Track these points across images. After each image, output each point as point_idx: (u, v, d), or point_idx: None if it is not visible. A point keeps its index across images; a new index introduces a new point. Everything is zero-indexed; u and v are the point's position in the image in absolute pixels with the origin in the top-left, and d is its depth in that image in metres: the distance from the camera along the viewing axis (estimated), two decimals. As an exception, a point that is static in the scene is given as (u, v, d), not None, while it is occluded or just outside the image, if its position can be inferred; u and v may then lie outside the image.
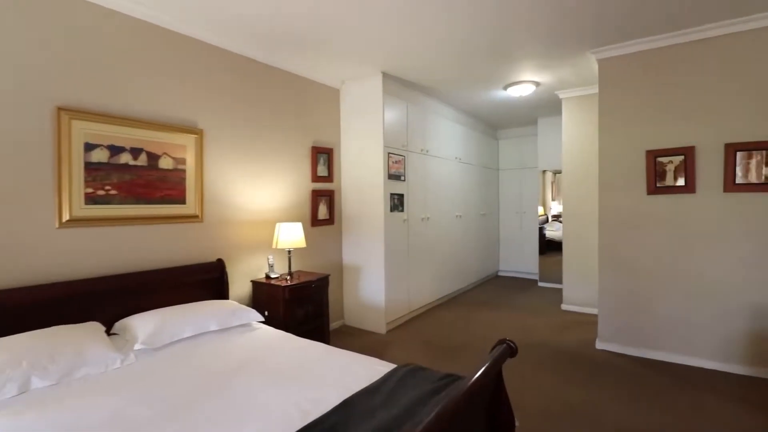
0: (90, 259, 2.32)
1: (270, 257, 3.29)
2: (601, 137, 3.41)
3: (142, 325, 2.14)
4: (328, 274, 3.41)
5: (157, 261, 2.63)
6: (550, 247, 6.18)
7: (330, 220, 4.04)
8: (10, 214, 2.02)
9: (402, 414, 1.39)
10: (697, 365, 3.01)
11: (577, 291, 4.59)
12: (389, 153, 3.95)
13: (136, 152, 2.51)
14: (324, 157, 3.96)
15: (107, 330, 2.21)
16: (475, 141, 5.92)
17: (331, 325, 3.90)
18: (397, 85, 4.10)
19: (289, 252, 3.27)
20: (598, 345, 3.43)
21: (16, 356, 1.65)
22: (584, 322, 4.14)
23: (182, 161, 2.77)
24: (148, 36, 2.60)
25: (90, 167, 2.31)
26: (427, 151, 4.64)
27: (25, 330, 1.91)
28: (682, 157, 3.06)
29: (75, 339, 1.86)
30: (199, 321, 2.29)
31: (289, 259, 3.27)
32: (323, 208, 3.96)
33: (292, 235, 3.19)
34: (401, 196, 4.14)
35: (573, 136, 4.62)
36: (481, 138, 6.18)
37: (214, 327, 2.32)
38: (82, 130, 2.26)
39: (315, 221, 3.86)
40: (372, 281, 3.95)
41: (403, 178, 4.17)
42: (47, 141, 2.15)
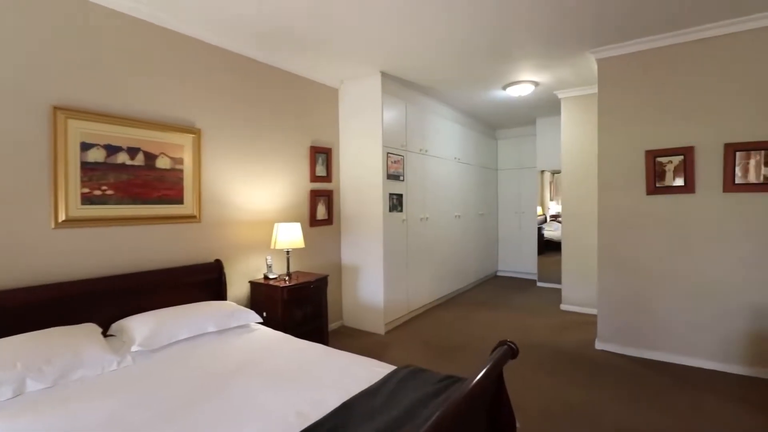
0: (86, 259, 2.29)
1: (268, 258, 3.27)
2: (600, 137, 3.41)
3: (139, 326, 2.12)
4: (327, 275, 3.39)
5: (154, 262, 2.61)
6: (548, 247, 6.19)
7: (328, 221, 4.02)
8: (5, 215, 2.00)
9: (402, 416, 1.38)
10: (696, 365, 3.01)
11: (576, 291, 4.59)
12: (388, 153, 3.93)
13: (133, 152, 2.49)
14: (322, 157, 3.95)
15: (104, 331, 2.19)
16: (473, 141, 5.92)
17: (330, 326, 3.88)
18: (396, 84, 4.09)
19: (288, 252, 3.26)
20: (598, 345, 3.43)
21: (11, 358, 1.63)
22: (583, 323, 4.13)
23: (180, 161, 2.75)
24: (146, 35, 2.58)
25: (86, 167, 2.28)
26: (426, 151, 4.63)
27: (20, 331, 1.90)
28: (681, 157, 3.05)
29: (71, 341, 1.84)
30: (196, 322, 2.27)
31: (288, 259, 3.25)
32: (322, 209, 3.94)
33: (290, 236, 3.17)
34: (400, 196, 4.13)
35: (572, 136, 4.62)
36: (480, 138, 6.17)
37: (212, 328, 2.30)
38: (79, 130, 2.24)
39: (313, 221, 3.84)
40: (371, 282, 3.93)
41: (402, 178, 4.16)
42: (43, 140, 2.13)
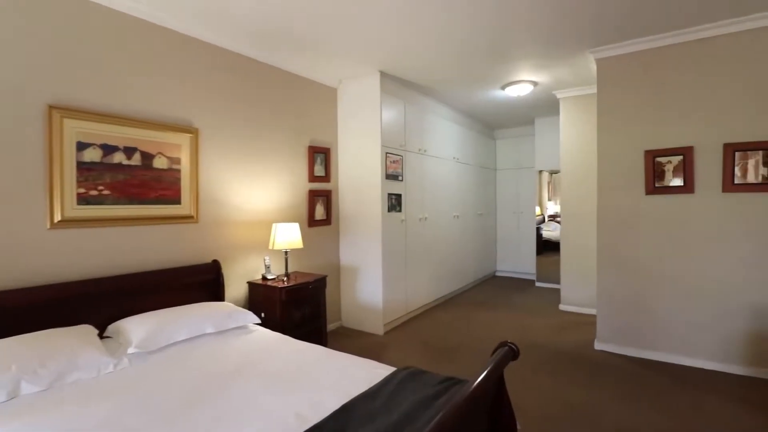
0: (82, 260, 2.27)
1: (266, 258, 3.25)
2: (599, 137, 3.40)
3: (136, 328, 2.10)
4: (326, 275, 3.37)
5: (151, 262, 2.58)
6: (546, 247, 6.18)
7: (327, 221, 4.00)
8: (0, 215, 1.98)
9: (402, 419, 1.36)
10: (696, 365, 3.00)
11: (575, 291, 4.58)
12: (387, 153, 3.92)
13: (129, 151, 2.47)
14: (321, 156, 3.93)
15: (100, 333, 2.16)
16: (472, 141, 5.91)
17: (329, 327, 3.86)
18: (394, 84, 4.07)
19: (286, 253, 3.24)
20: (597, 345, 3.42)
21: (6, 360, 1.61)
22: (582, 323, 4.13)
23: (177, 161, 2.73)
24: (143, 34, 2.55)
25: (82, 167, 2.26)
26: (425, 150, 4.62)
27: (15, 333, 1.87)
28: (680, 157, 3.05)
29: (67, 342, 1.82)
30: (194, 323, 2.25)
31: (286, 260, 3.23)
32: (320, 209, 3.92)
33: (288, 236, 3.15)
34: (399, 196, 4.12)
35: (571, 136, 4.61)
36: (479, 138, 6.16)
37: (209, 330, 2.28)
38: (74, 129, 2.22)
39: (312, 222, 3.82)
40: (369, 282, 3.92)
41: (400, 178, 4.14)
42: (38, 140, 2.10)
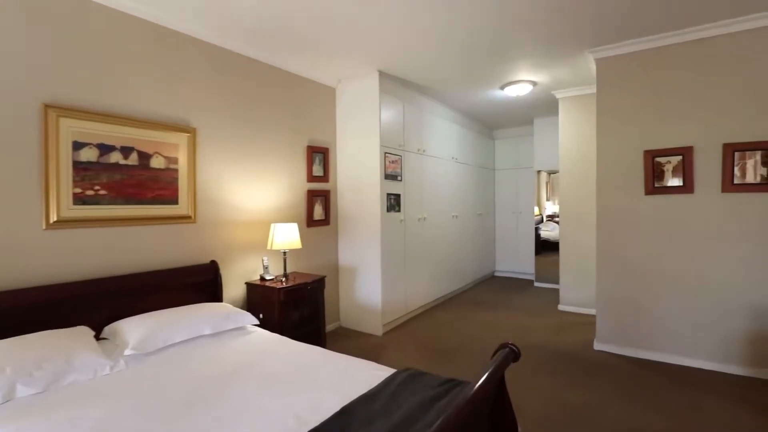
0: (79, 261, 2.25)
1: (265, 259, 3.23)
2: (599, 137, 3.39)
3: (133, 329, 2.07)
4: (324, 276, 3.35)
5: (148, 263, 2.56)
6: (545, 248, 6.18)
7: (326, 221, 3.98)
8: (-6, 215, 1.95)
9: (403, 422, 1.35)
10: (696, 366, 3.00)
11: (574, 291, 4.58)
12: (386, 153, 3.90)
13: (126, 151, 2.45)
14: (319, 156, 3.91)
15: (96, 335, 2.15)
16: (471, 141, 5.90)
17: (327, 327, 3.84)
18: (393, 84, 4.06)
19: (285, 253, 3.22)
20: (596, 346, 3.41)
21: (0, 363, 1.59)
22: (582, 323, 4.12)
23: (174, 160, 2.71)
24: (140, 32, 2.53)
25: (78, 166, 2.23)
26: (424, 150, 4.60)
27: (10, 335, 1.85)
28: (680, 157, 3.05)
29: (63, 344, 1.80)
30: (192, 325, 2.23)
31: (285, 260, 3.22)
32: (319, 209, 3.91)
33: (287, 236, 3.13)
34: (398, 196, 4.10)
35: (570, 136, 4.61)
36: (478, 138, 6.15)
37: (207, 331, 2.26)
38: (71, 128, 2.19)
39: (311, 222, 3.81)
40: (368, 282, 3.90)
41: (399, 178, 4.13)
42: (34, 139, 2.08)
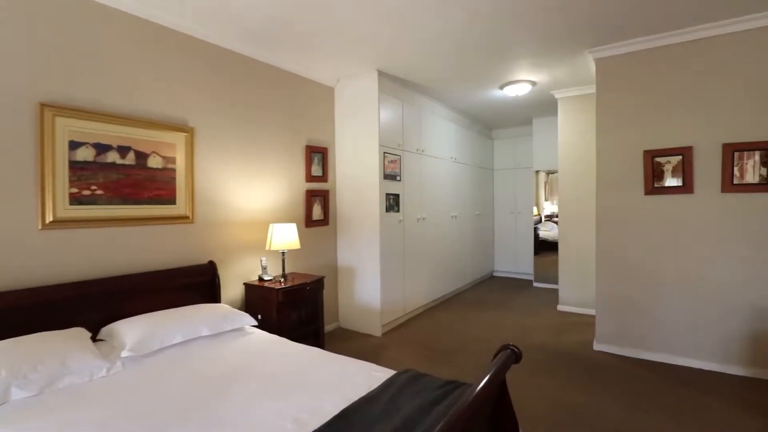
0: (75, 261, 2.22)
1: (263, 259, 3.21)
2: (598, 137, 3.38)
3: (130, 330, 2.05)
4: (323, 276, 3.33)
5: (145, 263, 2.54)
6: (543, 248, 6.17)
7: (324, 221, 3.96)
8: (-11, 216, 1.93)
9: (403, 425, 1.33)
10: (696, 366, 3.00)
11: (573, 292, 4.57)
12: (385, 152, 3.89)
13: (123, 151, 2.42)
14: (318, 156, 3.89)
15: (93, 336, 2.13)
16: (470, 141, 5.89)
17: (326, 328, 3.83)
18: (392, 83, 4.04)
19: (283, 253, 3.20)
20: (596, 346, 3.41)
21: (-5, 366, 1.56)
22: (581, 323, 4.12)
23: (172, 160, 2.68)
24: (137, 31, 2.51)
25: (75, 166, 2.21)
26: (423, 150, 4.59)
27: (4, 336, 1.83)
28: (679, 158, 3.04)
29: (58, 346, 1.78)
30: (189, 326, 2.21)
31: (283, 260, 3.19)
32: (318, 209, 3.89)
33: (285, 236, 3.11)
34: (397, 196, 4.09)
35: (569, 136, 4.60)
36: (476, 138, 6.14)
37: (205, 332, 2.24)
38: (67, 128, 2.17)
39: (309, 222, 3.79)
40: (367, 283, 3.88)
41: (398, 178, 4.11)
42: (29, 139, 2.05)
